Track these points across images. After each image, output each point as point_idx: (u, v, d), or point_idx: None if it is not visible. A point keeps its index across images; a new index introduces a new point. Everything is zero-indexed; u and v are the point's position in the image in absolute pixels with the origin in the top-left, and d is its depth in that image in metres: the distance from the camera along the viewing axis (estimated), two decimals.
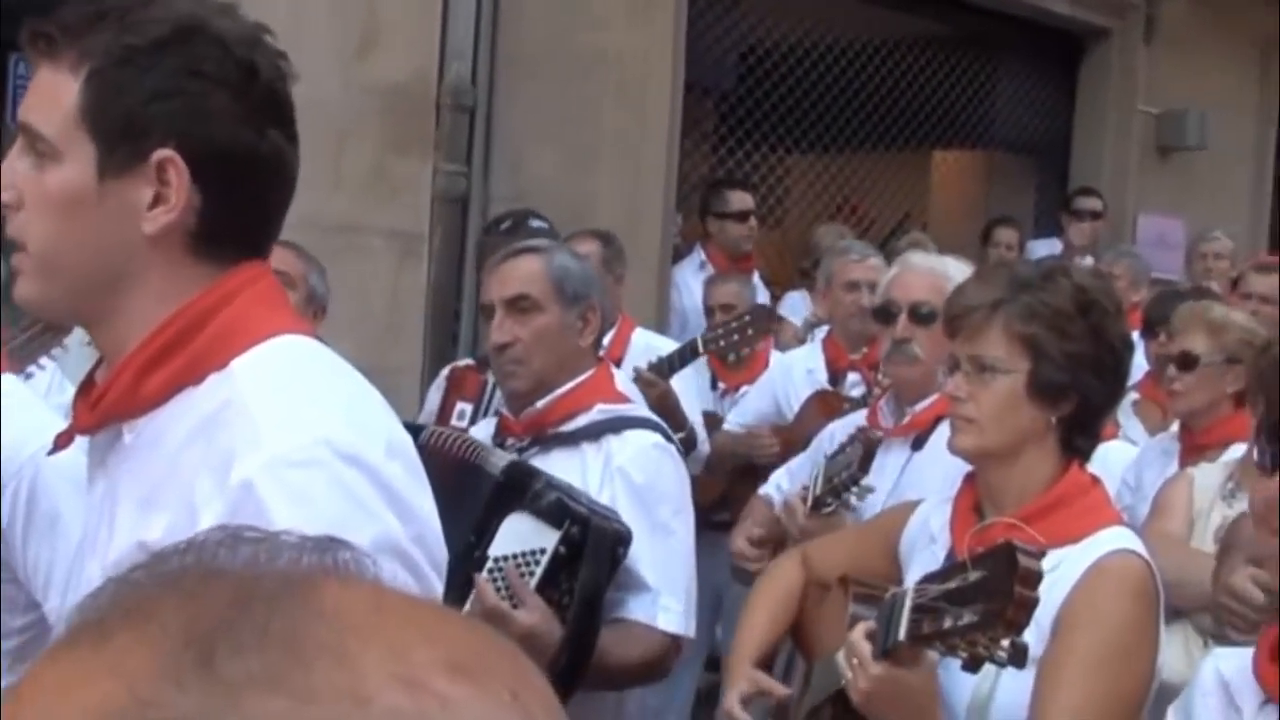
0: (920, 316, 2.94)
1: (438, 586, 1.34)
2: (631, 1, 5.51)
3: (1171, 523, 3.09)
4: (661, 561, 2.49)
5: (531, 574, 2.34)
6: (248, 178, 1.35)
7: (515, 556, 2.35)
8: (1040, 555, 1.63)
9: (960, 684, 1.83)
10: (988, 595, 1.58)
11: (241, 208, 1.36)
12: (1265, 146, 9.05)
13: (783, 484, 3.38)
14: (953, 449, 2.12)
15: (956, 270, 3.01)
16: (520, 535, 2.35)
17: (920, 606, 1.66)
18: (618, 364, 4.28)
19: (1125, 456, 3.66)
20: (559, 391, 2.63)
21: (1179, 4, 8.20)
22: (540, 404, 2.63)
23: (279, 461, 1.23)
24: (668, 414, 4.09)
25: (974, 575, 1.61)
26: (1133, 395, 4.67)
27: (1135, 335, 4.92)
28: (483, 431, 2.81)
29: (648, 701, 3.86)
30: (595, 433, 2.58)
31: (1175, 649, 2.94)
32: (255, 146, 1.34)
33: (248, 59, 1.34)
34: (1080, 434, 2.06)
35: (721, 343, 4.12)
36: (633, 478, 2.51)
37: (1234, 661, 1.55)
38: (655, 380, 4.02)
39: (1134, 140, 8.07)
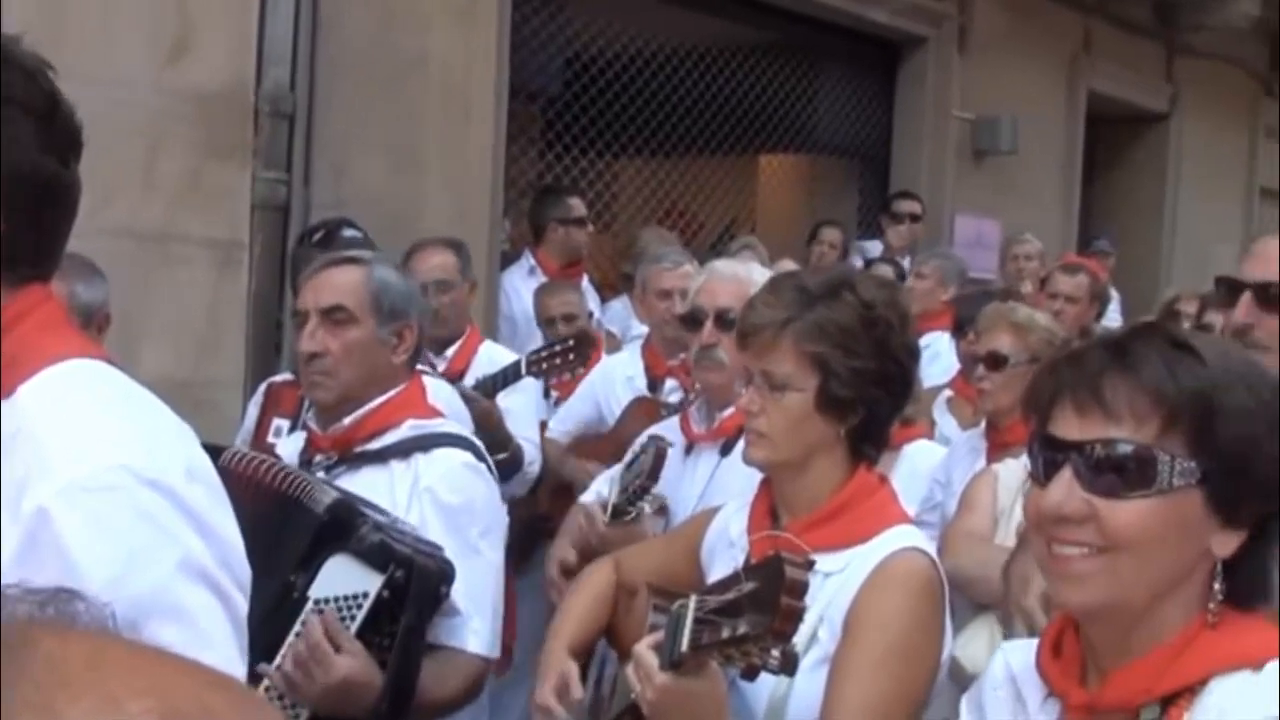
0: (726, 322, 2.98)
1: (243, 606, 1.33)
2: (453, 6, 5.47)
3: (976, 519, 3.20)
4: (470, 584, 2.47)
5: (353, 618, 2.30)
6: (46, 204, 1.34)
7: (337, 599, 2.31)
8: (808, 565, 1.68)
9: (758, 685, 1.88)
10: (759, 606, 1.63)
11: (37, 233, 1.35)
12: (1073, 150, 9.45)
13: (603, 490, 3.40)
14: (747, 460, 2.18)
15: (761, 277, 3.07)
16: (343, 578, 2.31)
17: (701, 618, 1.70)
18: (461, 376, 4.26)
19: (933, 456, 3.78)
20: (368, 407, 2.59)
21: (991, 14, 8.51)
22: (348, 420, 2.59)
23: (75, 488, 1.21)
24: (490, 432, 4.08)
25: (747, 586, 1.66)
26: (946, 392, 4.84)
27: (947, 335, 5.16)
28: (291, 447, 2.76)
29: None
30: (404, 450, 2.55)
31: (981, 642, 3.04)
32: (57, 174, 1.33)
33: (49, 88, 1.33)
34: (867, 442, 2.14)
35: (544, 365, 4.13)
36: (441, 497, 2.49)
37: (1020, 655, 1.62)
38: (475, 397, 3.98)
39: (950, 145, 8.35)
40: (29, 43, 1.37)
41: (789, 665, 1.69)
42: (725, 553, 2.19)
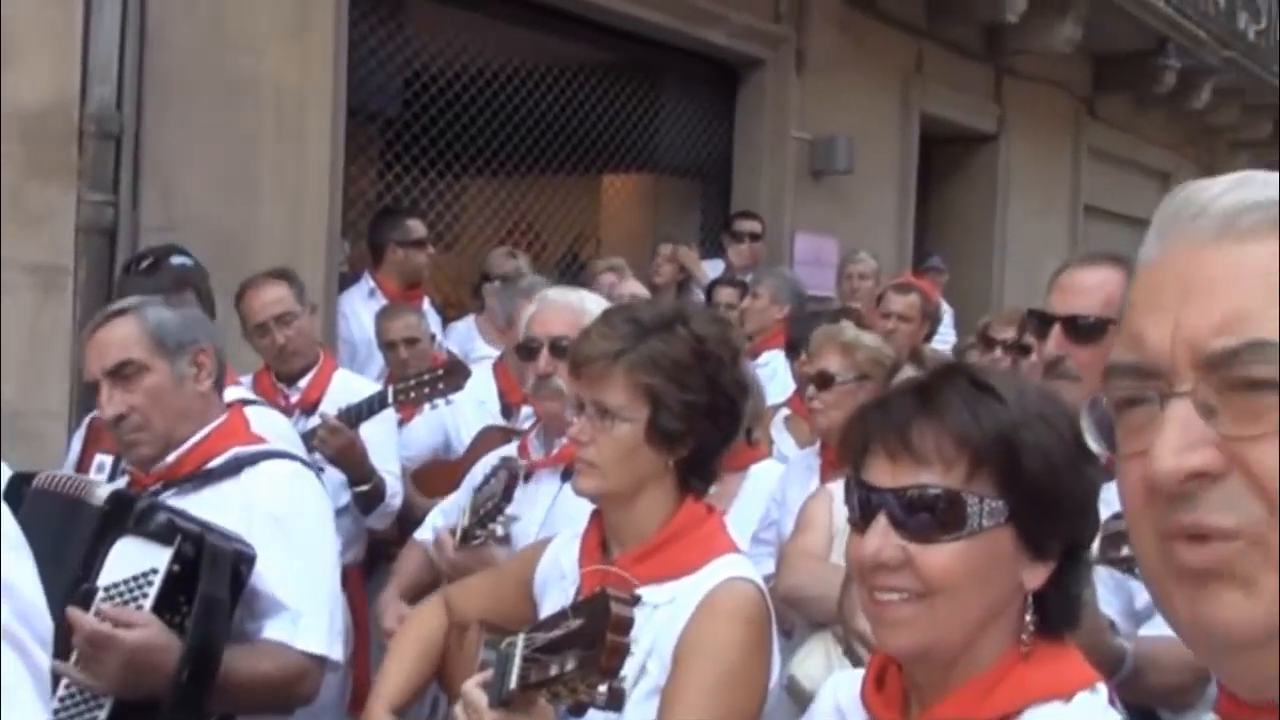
0: (561, 350, 2.99)
1: (45, 661, 1.30)
2: (287, 24, 5.38)
3: (812, 537, 3.26)
4: (300, 582, 2.48)
5: (145, 595, 2.30)
6: None
7: (126, 581, 2.30)
8: (634, 601, 1.70)
9: (589, 717, 1.89)
10: (586, 642, 1.64)
11: None
12: (908, 169, 9.72)
13: (437, 523, 3.37)
14: (577, 490, 2.18)
15: (595, 304, 3.09)
16: (130, 559, 2.31)
17: (529, 656, 1.71)
18: (316, 406, 4.17)
19: (773, 475, 3.84)
20: (189, 443, 2.57)
21: (827, 37, 8.70)
22: (171, 458, 2.56)
23: None
24: (353, 465, 4.00)
25: (575, 623, 1.67)
26: (784, 411, 4.92)
27: (782, 354, 5.24)
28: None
29: None
30: (233, 468, 2.55)
31: (817, 659, 3.10)
32: None
33: None
34: (695, 474, 2.16)
35: (413, 394, 4.03)
36: (270, 506, 2.51)
37: (847, 687, 1.65)
38: (340, 429, 3.92)
39: (789, 164, 8.50)
40: None
41: (616, 701, 1.70)
42: (557, 585, 2.19)
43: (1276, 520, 0.83)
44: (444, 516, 3.36)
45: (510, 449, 3.23)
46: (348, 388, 4.23)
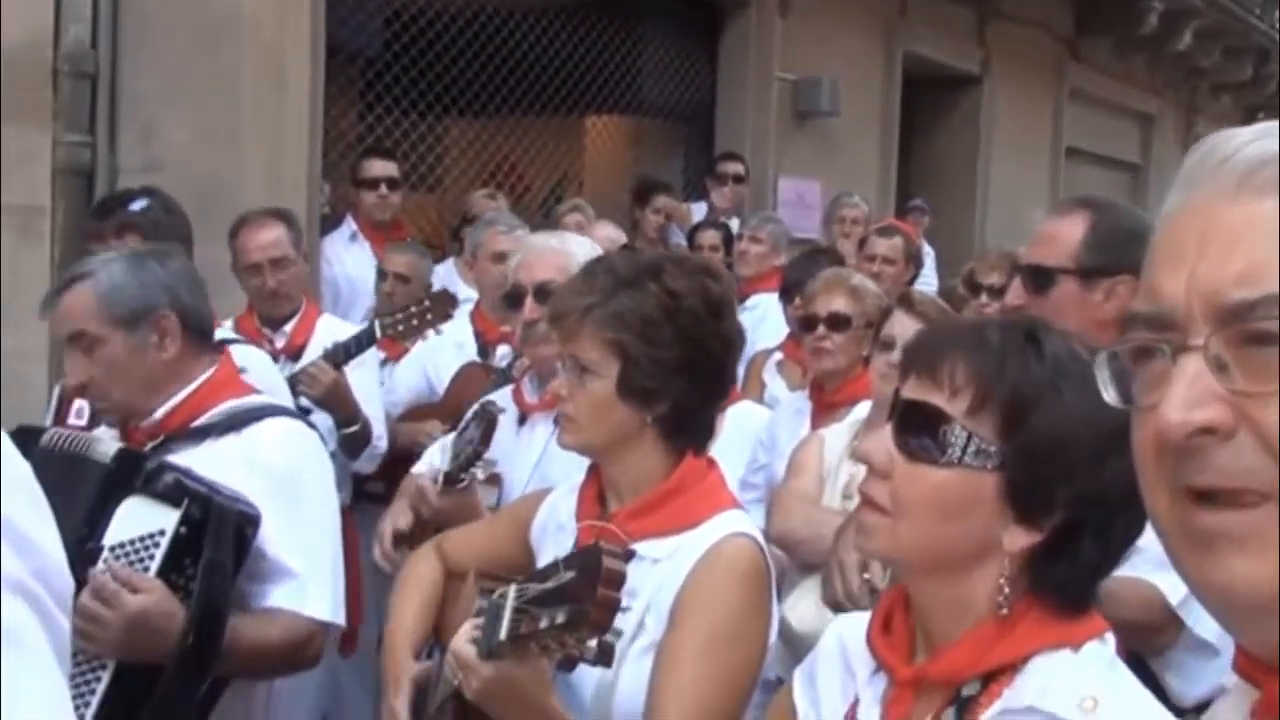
0: (546, 296, 2.96)
1: (66, 626, 1.24)
2: None
3: (804, 481, 3.25)
4: (306, 547, 2.44)
5: (151, 557, 2.24)
6: None
7: (132, 542, 2.25)
8: (627, 556, 1.67)
9: (586, 671, 1.87)
10: (576, 596, 1.61)
11: None
12: (890, 113, 9.66)
13: (435, 460, 3.35)
14: (560, 444, 2.16)
15: (578, 247, 3.05)
16: (137, 519, 2.25)
17: (521, 607, 1.68)
18: (301, 351, 4.12)
19: (756, 418, 3.83)
20: (177, 398, 2.51)
21: None
22: (159, 414, 2.50)
23: None
24: (338, 406, 3.97)
25: (566, 576, 1.64)
26: (776, 355, 4.91)
27: (774, 297, 5.21)
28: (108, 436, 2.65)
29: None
30: (235, 424, 2.49)
31: (809, 601, 3.10)
32: None
33: None
34: (681, 430, 2.10)
35: (400, 328, 3.99)
36: (272, 465, 2.45)
37: (853, 629, 1.64)
38: (319, 374, 3.88)
39: (773, 106, 8.44)
40: None
41: (605, 657, 1.67)
42: (555, 536, 2.16)
43: None
44: (442, 452, 3.33)
45: (504, 394, 3.20)
46: (332, 333, 4.18)
